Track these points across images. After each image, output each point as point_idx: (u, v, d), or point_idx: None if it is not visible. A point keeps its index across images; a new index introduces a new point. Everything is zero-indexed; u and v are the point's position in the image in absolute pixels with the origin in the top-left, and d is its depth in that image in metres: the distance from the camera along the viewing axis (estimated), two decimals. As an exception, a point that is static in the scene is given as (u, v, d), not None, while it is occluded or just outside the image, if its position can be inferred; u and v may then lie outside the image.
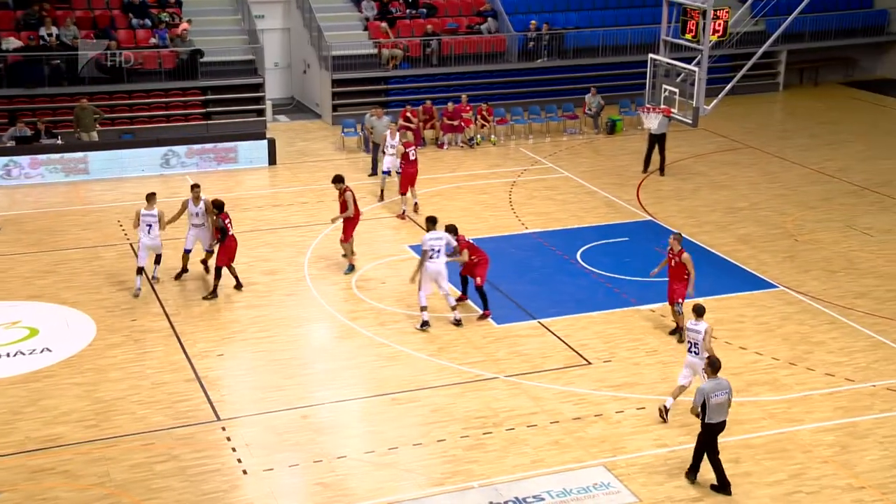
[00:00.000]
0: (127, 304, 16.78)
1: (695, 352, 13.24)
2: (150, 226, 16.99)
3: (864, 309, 16.84)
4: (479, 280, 16.29)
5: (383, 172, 21.90)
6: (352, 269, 18.08)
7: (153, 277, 17.55)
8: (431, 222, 16.23)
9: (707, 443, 11.98)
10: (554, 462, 12.54)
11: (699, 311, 13.38)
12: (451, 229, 16.40)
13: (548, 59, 29.33)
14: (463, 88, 28.05)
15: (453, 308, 16.07)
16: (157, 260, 17.59)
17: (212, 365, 14.89)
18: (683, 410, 13.78)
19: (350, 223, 18.06)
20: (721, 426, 11.95)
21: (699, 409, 11.81)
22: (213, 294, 17.04)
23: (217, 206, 17.09)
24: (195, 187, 17.56)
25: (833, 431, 13.32)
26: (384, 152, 21.97)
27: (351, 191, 18.00)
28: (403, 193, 21.02)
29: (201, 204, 17.32)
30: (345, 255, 18.37)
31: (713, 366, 11.92)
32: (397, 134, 22.21)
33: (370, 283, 17.68)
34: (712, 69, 23.17)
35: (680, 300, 15.60)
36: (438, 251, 15.83)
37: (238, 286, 17.33)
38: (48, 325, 16.05)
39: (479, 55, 28.86)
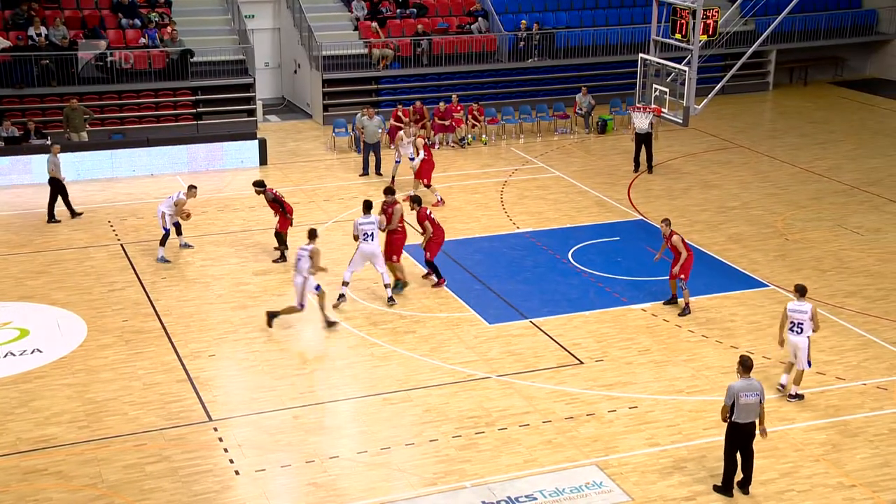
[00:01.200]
0: (118, 305, 16.75)
1: (797, 331, 13.53)
2: (168, 197, 18.65)
3: (854, 308, 16.91)
4: (428, 255, 17.29)
5: (396, 161, 22.48)
6: (403, 286, 17.19)
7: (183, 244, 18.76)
8: (367, 207, 16.66)
9: (730, 441, 11.79)
10: (547, 461, 12.57)
11: (802, 291, 13.66)
12: (416, 199, 17.53)
13: (538, 58, 29.37)
14: (453, 88, 28.08)
15: (387, 286, 16.75)
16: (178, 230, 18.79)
17: (203, 365, 14.87)
18: (673, 409, 13.83)
19: (400, 241, 17.28)
20: (749, 427, 11.70)
21: (729, 409, 11.61)
22: (282, 258, 18.46)
23: (259, 185, 18.49)
24: (313, 235, 15.83)
25: (824, 430, 13.38)
26: (400, 151, 22.31)
27: (400, 204, 17.31)
28: (429, 184, 21.55)
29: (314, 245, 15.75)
30: (395, 287, 17.10)
31: (744, 364, 11.68)
32: (412, 133, 22.66)
33: (363, 284, 17.67)
34: (702, 69, 23.24)
35: (681, 276, 16.35)
36: (371, 235, 16.47)
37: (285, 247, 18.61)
38: (39, 326, 16.00)
39: (470, 55, 28.89)
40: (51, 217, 20.56)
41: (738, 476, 12.04)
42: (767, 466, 12.52)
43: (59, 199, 20.57)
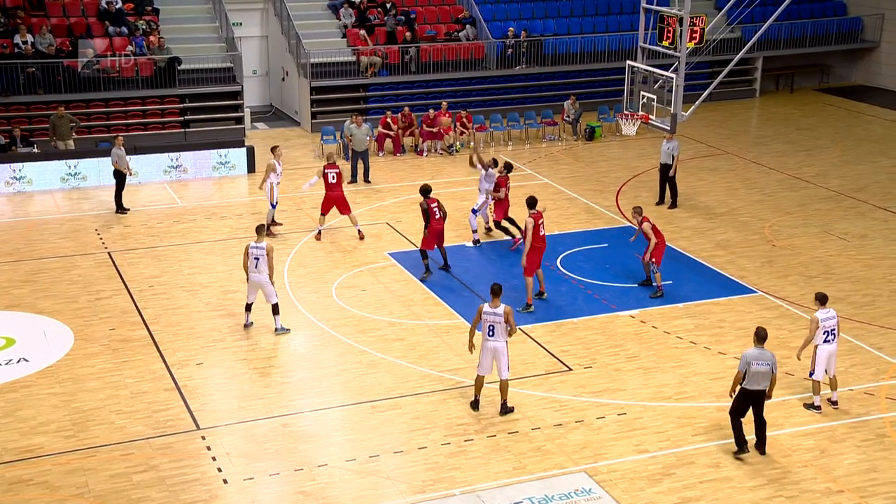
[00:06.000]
0: (105, 314, 16.68)
1: (830, 339, 13.68)
2: (257, 259, 15.62)
3: (841, 314, 16.86)
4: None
5: (272, 206, 20.01)
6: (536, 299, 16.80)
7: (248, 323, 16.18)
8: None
9: (737, 406, 12.61)
10: (536, 468, 12.56)
11: (824, 299, 13.83)
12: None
13: (526, 65, 29.43)
14: (442, 95, 28.10)
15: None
16: (275, 310, 15.92)
17: (191, 374, 14.81)
18: (661, 416, 13.85)
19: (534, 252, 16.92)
20: (758, 394, 12.54)
21: (742, 375, 12.42)
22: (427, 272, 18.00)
23: (423, 192, 18.04)
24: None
25: (812, 435, 13.42)
26: (270, 182, 19.81)
27: (535, 217, 16.73)
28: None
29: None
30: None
31: (759, 335, 12.54)
32: (277, 165, 19.99)
33: (351, 291, 17.65)
34: (689, 76, 23.33)
35: (653, 261, 17.24)
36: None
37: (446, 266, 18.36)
38: (25, 335, 15.91)
39: (458, 62, 28.93)
40: (119, 207, 21.30)
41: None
42: (755, 472, 12.55)
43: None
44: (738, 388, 12.58)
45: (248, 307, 16.16)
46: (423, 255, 18.21)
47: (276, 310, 15.95)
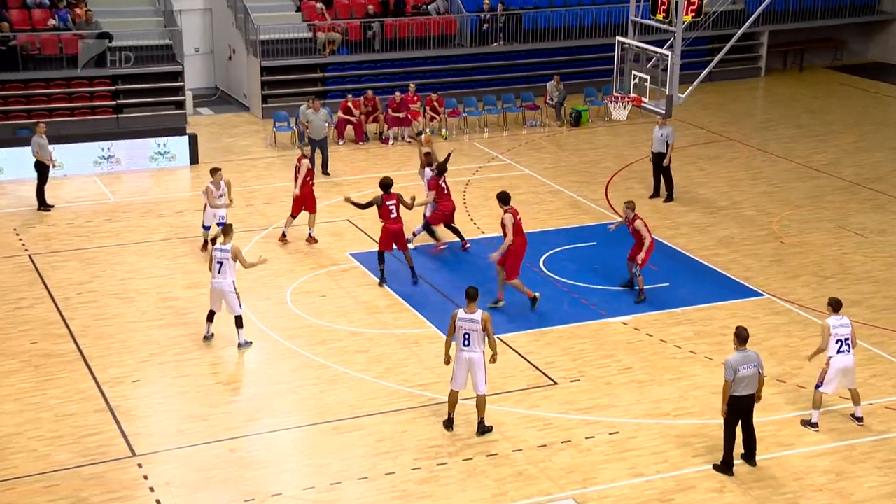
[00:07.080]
0: (25, 325, 16.52)
1: (846, 350, 13.74)
2: (220, 263, 15.62)
3: (859, 319, 17.03)
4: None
5: (204, 227, 19.18)
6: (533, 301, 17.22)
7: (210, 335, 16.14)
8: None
9: (729, 415, 12.79)
10: (517, 496, 12.54)
11: (837, 305, 13.92)
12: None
13: (504, 42, 29.49)
14: (409, 76, 28.11)
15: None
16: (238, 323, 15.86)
17: (126, 393, 14.69)
18: (658, 435, 13.86)
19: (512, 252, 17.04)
20: (748, 399, 12.76)
21: (730, 383, 12.62)
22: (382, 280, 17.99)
23: (382, 186, 18.13)
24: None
25: (827, 456, 13.48)
26: (210, 205, 18.84)
27: (513, 212, 17.10)
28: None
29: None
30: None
31: (740, 336, 12.77)
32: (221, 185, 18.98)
33: (308, 297, 17.58)
34: (686, 53, 23.39)
35: (637, 262, 17.30)
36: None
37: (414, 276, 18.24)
38: (-67, 351, 15.71)
39: (427, 39, 28.95)
40: (41, 204, 21.00)
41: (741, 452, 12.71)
42: (765, 497, 12.58)
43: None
44: (729, 396, 12.73)
45: (210, 316, 16.06)
46: (379, 259, 17.99)
47: (239, 322, 15.88)
